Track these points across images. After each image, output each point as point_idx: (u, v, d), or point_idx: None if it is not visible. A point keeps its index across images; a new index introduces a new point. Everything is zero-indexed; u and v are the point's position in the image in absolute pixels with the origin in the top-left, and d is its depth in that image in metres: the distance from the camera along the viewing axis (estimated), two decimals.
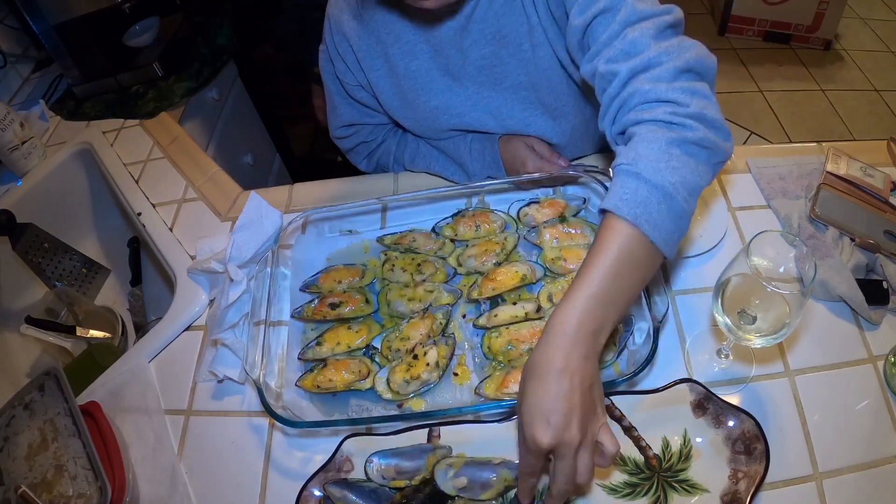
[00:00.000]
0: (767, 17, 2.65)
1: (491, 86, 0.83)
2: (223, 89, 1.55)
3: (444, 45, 0.80)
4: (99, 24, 1.34)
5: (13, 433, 0.71)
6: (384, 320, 0.80)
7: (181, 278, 0.90)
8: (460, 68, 0.82)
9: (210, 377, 0.77)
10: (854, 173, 0.88)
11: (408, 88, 0.85)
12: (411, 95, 0.86)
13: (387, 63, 0.84)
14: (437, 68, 0.83)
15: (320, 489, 0.65)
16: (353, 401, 0.73)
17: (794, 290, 0.56)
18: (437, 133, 0.92)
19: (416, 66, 0.83)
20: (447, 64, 0.82)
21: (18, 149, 1.16)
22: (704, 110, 0.56)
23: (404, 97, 0.87)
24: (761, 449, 0.62)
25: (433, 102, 0.85)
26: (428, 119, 0.88)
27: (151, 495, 0.70)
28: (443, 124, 0.88)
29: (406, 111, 0.89)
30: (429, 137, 0.95)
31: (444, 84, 0.84)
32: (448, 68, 0.82)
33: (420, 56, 0.82)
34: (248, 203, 0.92)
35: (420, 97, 0.85)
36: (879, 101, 2.46)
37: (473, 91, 0.84)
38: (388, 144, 1.01)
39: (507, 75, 0.81)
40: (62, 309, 1.10)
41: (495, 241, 0.83)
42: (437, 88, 0.84)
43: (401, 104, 0.88)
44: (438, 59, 0.82)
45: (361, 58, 0.85)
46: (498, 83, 0.82)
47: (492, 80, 0.82)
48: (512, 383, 0.69)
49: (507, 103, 0.85)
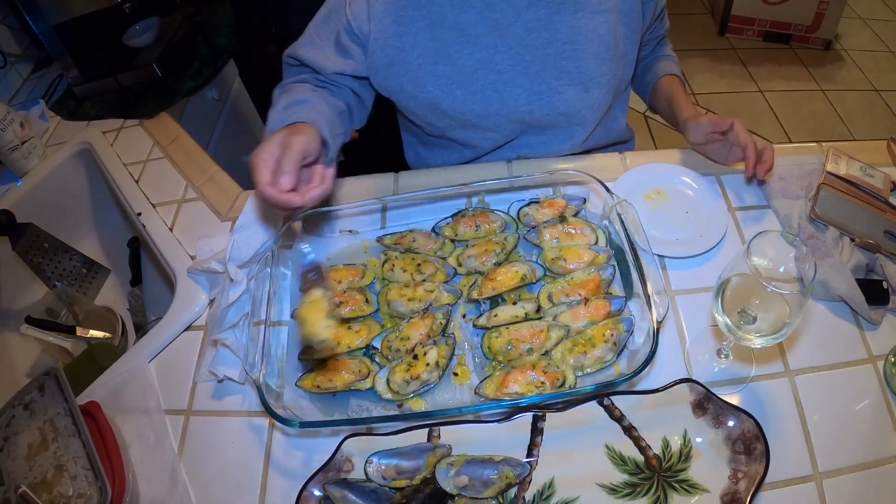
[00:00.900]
0: (767, 17, 2.65)
1: (534, 49, 0.85)
2: (223, 89, 1.55)
3: (498, 1, 0.82)
4: (99, 24, 1.34)
5: (13, 433, 0.71)
6: (384, 320, 0.80)
7: (181, 278, 0.90)
8: (509, 26, 0.83)
9: (210, 377, 0.77)
10: (854, 173, 0.88)
11: (451, 40, 0.85)
12: (454, 48, 0.86)
13: (430, 14, 0.84)
14: (486, 23, 0.84)
15: (320, 489, 0.65)
16: (353, 401, 0.73)
17: (794, 290, 0.56)
18: (464, 96, 0.89)
19: (464, 19, 0.84)
20: (497, 19, 0.83)
21: (18, 149, 1.16)
22: None
23: (444, 49, 0.86)
24: (761, 449, 0.62)
25: (476, 56, 0.86)
26: (465, 74, 0.87)
27: (151, 495, 0.70)
28: (482, 79, 0.88)
29: (443, 66, 0.87)
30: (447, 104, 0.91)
31: (489, 40, 0.85)
32: (497, 24, 0.84)
33: (471, 9, 0.83)
34: (247, 203, 0.92)
35: (464, 49, 0.86)
36: (879, 101, 2.46)
37: (516, 52, 0.85)
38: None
39: (553, 41, 0.84)
40: (62, 309, 1.10)
41: (495, 241, 0.83)
42: (482, 43, 0.85)
43: (437, 58, 0.87)
44: (490, 13, 0.83)
45: (404, 5, 0.84)
46: (542, 48, 0.85)
47: (537, 42, 0.84)
48: (512, 383, 0.69)
49: (545, 69, 0.87)
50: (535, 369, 0.70)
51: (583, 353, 0.71)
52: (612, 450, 0.66)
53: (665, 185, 0.91)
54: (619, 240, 0.77)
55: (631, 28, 0.89)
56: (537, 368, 0.70)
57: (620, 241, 0.76)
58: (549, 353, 0.72)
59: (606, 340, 0.71)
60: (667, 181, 0.91)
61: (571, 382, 0.70)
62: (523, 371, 0.70)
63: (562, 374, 0.70)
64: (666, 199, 0.89)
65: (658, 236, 0.84)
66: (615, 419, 0.66)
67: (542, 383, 0.69)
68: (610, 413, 0.66)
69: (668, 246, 0.83)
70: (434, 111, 0.92)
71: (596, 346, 0.71)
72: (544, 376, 0.69)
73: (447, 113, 0.92)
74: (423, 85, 0.89)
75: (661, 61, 1.07)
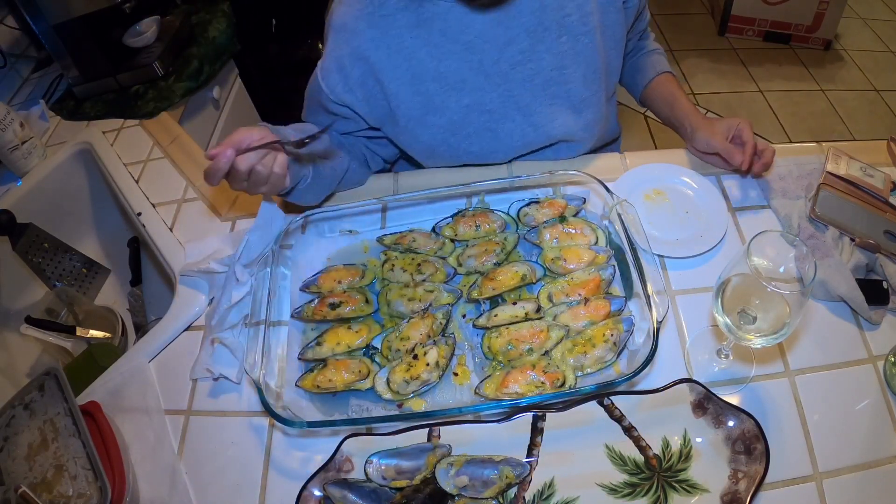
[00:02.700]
0: (767, 17, 2.65)
1: (521, 82, 0.84)
2: (223, 89, 1.55)
3: (478, 42, 0.81)
4: (99, 24, 1.34)
5: (13, 433, 0.71)
6: (384, 320, 0.80)
7: (181, 278, 0.90)
8: (492, 65, 0.83)
9: (206, 374, 0.77)
10: (854, 173, 0.88)
11: (435, 91, 0.84)
12: (439, 98, 0.85)
13: (410, 70, 0.83)
14: (469, 67, 0.83)
15: (320, 489, 0.65)
16: (353, 401, 0.73)
17: (794, 290, 0.56)
18: (458, 141, 0.89)
19: (446, 67, 0.83)
20: (480, 61, 0.83)
21: (18, 149, 1.16)
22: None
23: (430, 103, 0.85)
24: (761, 449, 0.62)
25: (464, 101, 0.85)
26: (455, 121, 0.87)
27: (151, 495, 0.70)
28: (474, 122, 0.87)
29: (433, 117, 0.86)
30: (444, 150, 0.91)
31: (475, 83, 0.84)
32: (481, 66, 0.83)
33: (451, 57, 0.82)
34: (262, 204, 0.92)
35: (451, 97, 0.85)
36: (879, 101, 2.46)
37: (504, 89, 0.85)
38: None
39: (539, 71, 0.84)
40: (62, 309, 1.10)
41: (495, 241, 0.83)
42: (469, 87, 0.85)
43: (425, 111, 0.86)
44: (471, 56, 0.82)
45: (379, 70, 0.82)
46: (529, 80, 0.84)
47: (523, 75, 0.84)
48: (512, 383, 0.69)
49: (536, 99, 0.87)
50: (535, 369, 0.70)
51: (583, 353, 0.70)
52: (612, 450, 0.66)
53: (665, 185, 0.91)
54: (619, 240, 0.77)
55: (615, 40, 0.89)
56: (537, 368, 0.70)
57: (620, 241, 0.76)
58: (549, 353, 0.72)
59: (606, 340, 0.70)
60: (667, 181, 0.91)
61: (571, 382, 0.70)
62: (523, 371, 0.70)
63: (562, 374, 0.70)
64: (666, 199, 0.89)
65: (658, 236, 0.84)
66: (615, 419, 0.66)
67: (542, 383, 0.69)
68: (610, 413, 0.66)
69: (668, 246, 0.83)
70: (432, 156, 0.94)
71: (596, 346, 0.70)
72: (544, 376, 0.69)
73: (444, 157, 0.93)
74: (417, 137, 0.89)
75: (648, 57, 1.06)
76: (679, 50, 2.76)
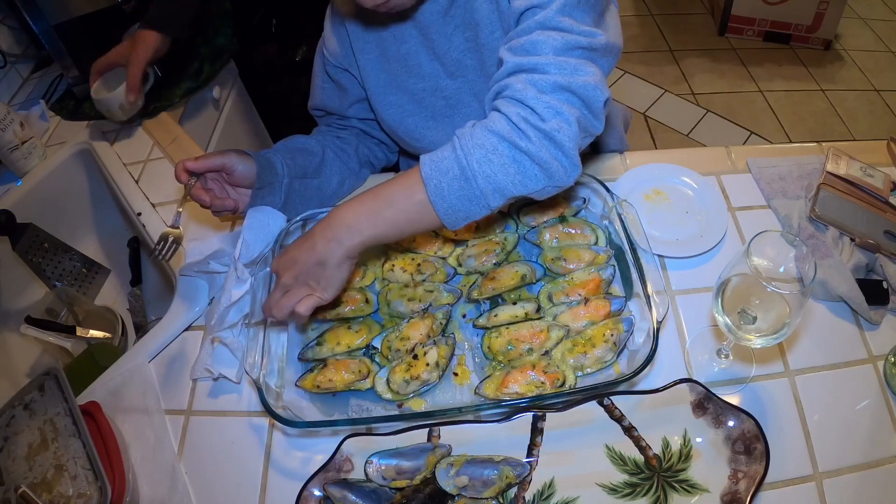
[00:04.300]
0: (767, 17, 2.65)
1: (474, 69, 0.84)
2: (223, 89, 1.54)
3: (430, 30, 0.81)
4: (99, 24, 1.34)
5: (13, 433, 0.71)
6: (384, 320, 0.80)
7: (181, 278, 0.90)
8: (446, 53, 0.83)
9: (205, 374, 0.77)
10: (854, 173, 0.88)
11: (398, 70, 0.86)
12: (401, 77, 0.87)
13: (379, 46, 0.85)
14: (425, 52, 0.84)
15: (320, 489, 0.65)
16: (353, 401, 0.73)
17: (794, 290, 0.56)
18: (416, 123, 0.90)
19: (405, 50, 0.84)
20: (433, 48, 0.83)
21: (18, 149, 1.16)
22: (557, 132, 0.58)
23: (393, 79, 0.87)
24: (761, 449, 0.62)
25: (421, 84, 0.86)
26: (414, 102, 0.88)
27: (151, 495, 0.70)
28: (431, 106, 0.88)
29: (393, 96, 0.89)
30: (402, 132, 0.93)
31: (431, 68, 0.85)
32: (435, 52, 0.83)
33: (409, 40, 0.83)
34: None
35: (410, 78, 0.86)
36: (879, 101, 2.46)
37: (459, 75, 0.85)
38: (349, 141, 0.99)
39: (486, 61, 0.82)
40: (62, 309, 1.10)
41: (495, 240, 0.83)
42: (425, 72, 0.85)
43: (387, 88, 0.89)
44: (426, 42, 0.83)
45: (353, 39, 0.86)
46: (479, 68, 0.84)
47: (474, 62, 0.83)
48: (512, 383, 0.69)
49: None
50: (535, 369, 0.70)
51: (583, 353, 0.71)
52: (612, 450, 0.66)
53: (665, 185, 0.91)
54: (619, 240, 0.77)
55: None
56: (537, 368, 0.70)
57: (620, 241, 0.76)
58: (549, 353, 0.72)
59: (606, 340, 0.71)
60: (667, 181, 0.91)
61: (571, 382, 0.70)
62: (523, 371, 0.70)
63: (562, 374, 0.70)
64: (666, 199, 0.89)
65: (658, 236, 0.84)
66: (615, 419, 0.66)
67: (542, 383, 0.69)
68: (610, 413, 0.67)
69: (668, 246, 0.83)
70: (394, 135, 0.95)
71: (596, 346, 0.71)
72: (544, 376, 0.69)
73: (403, 139, 0.93)
74: (380, 112, 0.91)
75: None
76: (679, 50, 2.76)
